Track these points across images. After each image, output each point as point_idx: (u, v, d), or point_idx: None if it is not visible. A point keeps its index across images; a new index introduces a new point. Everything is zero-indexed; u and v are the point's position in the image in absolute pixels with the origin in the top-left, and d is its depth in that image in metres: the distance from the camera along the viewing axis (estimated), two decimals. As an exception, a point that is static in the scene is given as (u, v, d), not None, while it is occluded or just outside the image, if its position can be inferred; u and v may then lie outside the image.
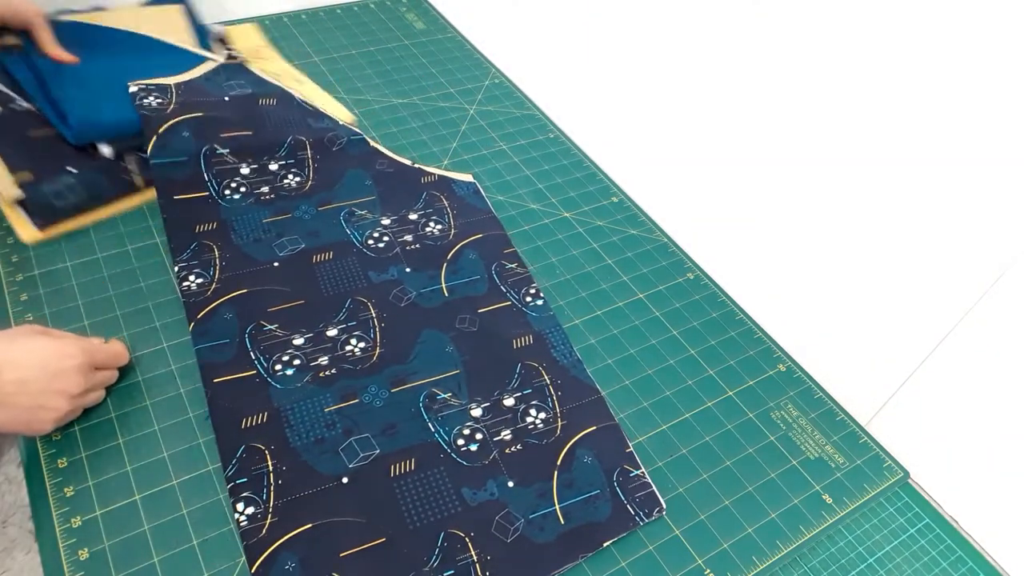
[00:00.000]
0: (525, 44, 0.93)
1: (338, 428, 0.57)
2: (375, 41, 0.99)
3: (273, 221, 0.70)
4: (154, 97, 0.74)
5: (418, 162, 0.80)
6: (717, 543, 0.56)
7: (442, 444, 0.57)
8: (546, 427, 0.60)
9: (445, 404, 0.60)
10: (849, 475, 0.61)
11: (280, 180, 0.73)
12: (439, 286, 0.68)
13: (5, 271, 0.64)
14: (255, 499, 0.52)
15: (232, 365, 0.59)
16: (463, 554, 0.52)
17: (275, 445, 0.55)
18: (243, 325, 0.62)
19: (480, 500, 0.55)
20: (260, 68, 0.84)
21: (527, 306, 0.68)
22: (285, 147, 0.75)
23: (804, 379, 0.67)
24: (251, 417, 0.56)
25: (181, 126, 0.72)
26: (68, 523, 0.51)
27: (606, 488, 0.57)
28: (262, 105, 0.78)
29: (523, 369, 0.63)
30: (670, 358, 0.67)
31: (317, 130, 0.78)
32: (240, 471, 0.53)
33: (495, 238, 0.74)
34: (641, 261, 0.75)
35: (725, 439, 0.62)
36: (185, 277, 0.64)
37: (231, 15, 0.98)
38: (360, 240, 0.70)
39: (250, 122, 0.76)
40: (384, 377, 0.60)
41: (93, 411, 0.56)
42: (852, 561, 0.56)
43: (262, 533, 0.51)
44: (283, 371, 0.59)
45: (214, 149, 0.72)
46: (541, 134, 0.88)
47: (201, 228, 0.68)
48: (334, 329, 0.63)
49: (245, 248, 0.67)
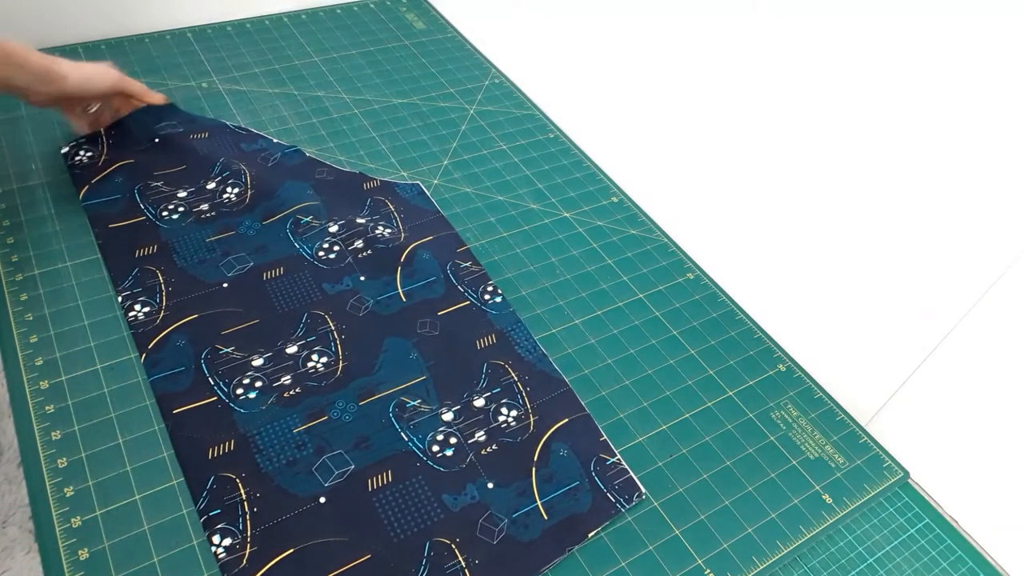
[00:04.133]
0: (525, 44, 0.93)
1: (309, 448, 0.56)
2: (375, 41, 0.99)
3: (217, 239, 0.69)
4: (84, 151, 0.74)
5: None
6: (717, 543, 0.56)
7: (417, 452, 0.57)
8: (519, 424, 0.59)
9: (415, 411, 0.59)
10: (849, 475, 0.61)
11: (219, 196, 0.72)
12: (396, 292, 0.67)
13: (5, 271, 0.64)
14: (231, 530, 0.51)
15: (191, 393, 0.57)
16: (451, 561, 0.51)
17: (246, 472, 0.54)
18: (198, 351, 0.60)
19: (462, 505, 0.54)
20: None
21: (487, 304, 0.68)
22: (218, 166, 0.75)
23: (804, 379, 0.67)
24: (217, 446, 0.55)
25: (113, 174, 0.73)
26: (68, 523, 0.50)
27: (585, 479, 0.57)
28: (193, 139, 0.77)
29: (489, 368, 0.63)
30: (670, 358, 0.67)
31: (249, 152, 0.78)
32: (212, 503, 0.52)
33: (446, 238, 0.73)
34: (641, 261, 0.75)
35: (725, 439, 0.62)
36: (130, 307, 0.62)
37: (231, 15, 0.98)
38: (311, 252, 0.69)
39: (182, 158, 0.76)
40: (350, 391, 0.60)
41: (93, 411, 0.56)
42: (852, 561, 0.56)
43: (243, 564, 0.49)
44: (245, 394, 0.58)
45: (147, 183, 0.72)
46: (541, 134, 0.88)
47: (142, 252, 0.66)
48: (293, 346, 0.62)
49: (191, 270, 0.66)
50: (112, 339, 0.61)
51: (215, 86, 0.87)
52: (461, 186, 0.80)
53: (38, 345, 0.59)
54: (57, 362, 0.59)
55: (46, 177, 0.73)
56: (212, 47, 0.93)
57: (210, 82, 0.88)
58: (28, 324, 0.61)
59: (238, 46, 0.94)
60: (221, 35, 0.95)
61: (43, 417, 0.55)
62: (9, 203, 0.70)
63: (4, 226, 0.68)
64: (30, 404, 0.56)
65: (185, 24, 0.95)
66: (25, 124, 0.78)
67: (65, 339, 0.60)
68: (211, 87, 0.87)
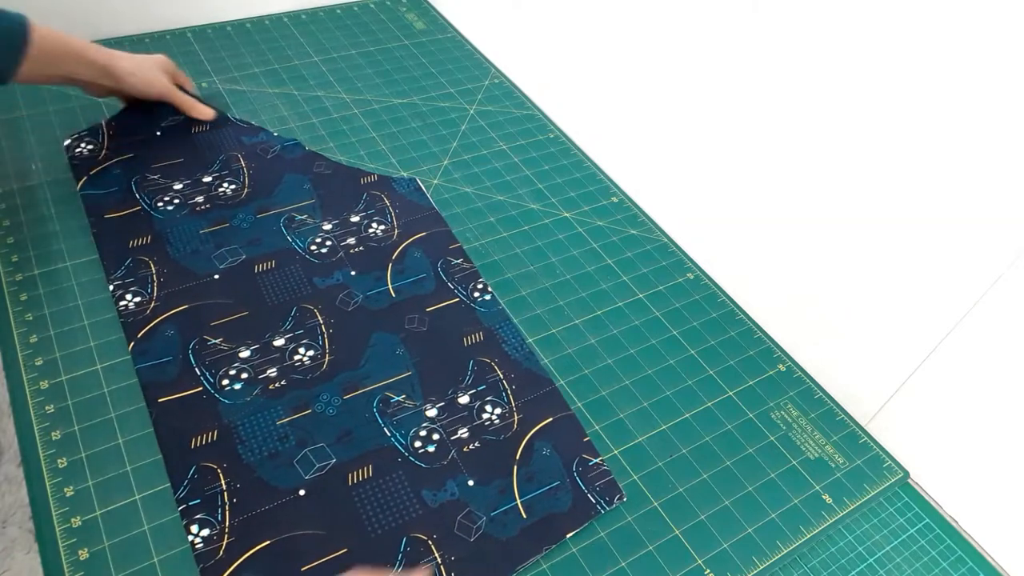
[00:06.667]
0: (525, 44, 0.93)
1: (292, 440, 0.56)
2: (375, 41, 0.99)
3: (211, 231, 0.69)
4: (86, 144, 0.74)
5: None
6: (717, 543, 0.56)
7: (399, 448, 0.57)
8: (503, 422, 0.59)
9: (399, 407, 0.59)
10: (849, 475, 0.61)
11: (215, 189, 0.73)
12: (385, 287, 0.67)
13: (5, 271, 0.64)
14: (210, 520, 0.51)
15: (177, 384, 0.58)
16: (427, 557, 0.51)
17: (227, 463, 0.54)
18: (186, 341, 0.60)
19: (441, 501, 0.54)
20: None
21: (475, 302, 0.68)
22: (217, 163, 0.75)
23: (804, 379, 0.67)
24: (200, 436, 0.55)
25: (113, 166, 0.73)
26: (68, 523, 0.50)
27: (566, 479, 0.57)
28: (195, 132, 0.78)
29: (475, 366, 0.63)
30: (670, 358, 0.67)
31: (249, 145, 0.78)
32: (192, 492, 0.52)
33: (440, 235, 0.73)
34: (641, 261, 0.75)
35: (725, 439, 0.62)
36: (121, 296, 0.63)
37: (231, 15, 0.98)
38: (303, 247, 0.69)
39: (181, 151, 0.76)
40: (336, 384, 0.60)
41: (93, 411, 0.56)
42: (852, 561, 0.56)
43: (219, 555, 0.49)
44: (231, 386, 0.58)
45: (145, 176, 0.73)
46: (541, 134, 0.88)
47: (135, 243, 0.67)
48: (281, 339, 0.62)
49: (183, 261, 0.66)
50: (112, 339, 0.61)
51: (215, 86, 0.87)
52: (461, 186, 0.80)
53: (38, 345, 0.59)
54: (57, 362, 0.59)
55: (46, 177, 0.73)
56: (212, 47, 0.93)
57: (210, 82, 0.88)
58: (28, 324, 0.61)
59: (238, 46, 0.94)
60: (221, 35, 0.95)
61: (43, 417, 0.55)
62: (9, 203, 0.70)
63: (4, 226, 0.68)
64: (30, 404, 0.56)
65: (185, 24, 0.95)
66: (25, 124, 0.78)
67: (65, 339, 0.60)
68: (211, 87, 0.87)
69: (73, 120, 0.79)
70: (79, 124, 0.78)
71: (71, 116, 0.79)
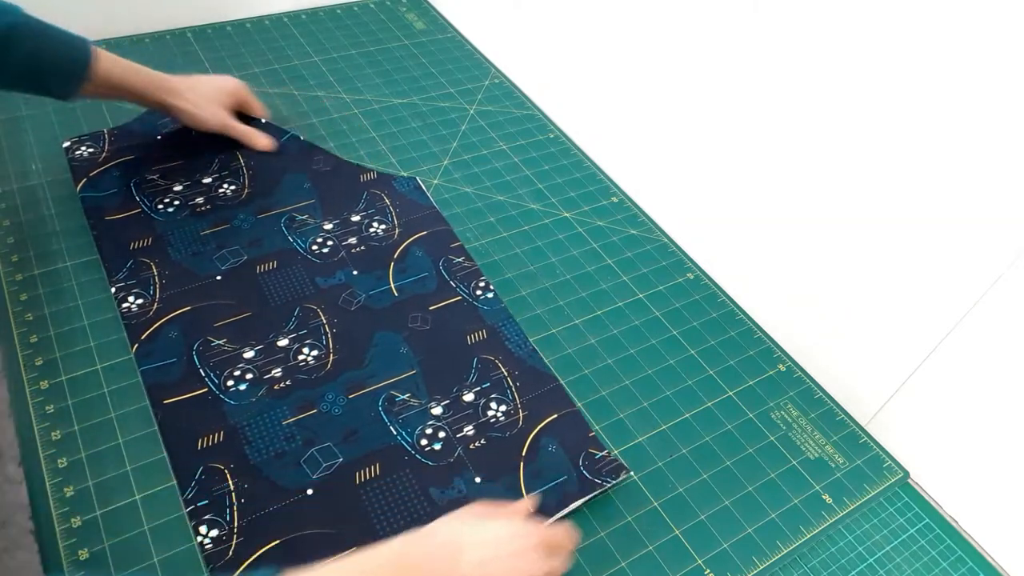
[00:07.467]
0: (525, 44, 0.93)
1: (298, 440, 0.56)
2: (375, 41, 0.99)
3: (212, 232, 0.69)
4: (86, 147, 0.75)
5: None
6: (717, 543, 0.56)
7: (405, 446, 0.57)
8: (508, 419, 0.59)
9: (405, 405, 0.59)
10: (849, 475, 0.61)
11: (215, 190, 0.73)
12: (388, 286, 0.67)
13: (5, 271, 0.64)
14: (218, 521, 0.51)
15: (182, 385, 0.58)
16: None
17: (235, 463, 0.54)
18: (190, 342, 0.60)
19: (448, 498, 0.54)
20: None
21: (478, 300, 0.68)
22: (216, 163, 0.75)
23: (804, 379, 0.67)
24: (207, 436, 0.55)
25: (112, 168, 0.73)
26: (68, 523, 0.50)
27: (573, 473, 0.57)
28: (194, 133, 0.77)
29: (479, 363, 0.63)
30: (670, 358, 0.67)
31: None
32: (200, 493, 0.52)
33: (441, 234, 0.73)
34: (641, 261, 0.75)
35: (725, 439, 0.62)
36: (124, 299, 0.63)
37: (231, 15, 0.98)
38: (304, 247, 0.69)
39: (181, 153, 0.76)
40: (340, 384, 0.60)
41: (93, 411, 0.56)
42: (852, 561, 0.56)
43: (229, 555, 0.50)
44: (236, 386, 0.58)
45: (145, 178, 0.73)
46: (541, 134, 0.88)
47: (136, 245, 0.67)
48: (285, 339, 0.62)
49: (184, 263, 0.66)
50: (112, 339, 0.61)
51: (215, 86, 0.87)
52: (461, 186, 0.80)
53: (38, 345, 0.59)
54: (57, 362, 0.59)
55: (46, 177, 0.73)
56: (212, 47, 0.93)
57: (210, 82, 0.87)
58: (28, 324, 0.61)
59: (238, 46, 0.94)
60: (221, 35, 0.95)
61: (43, 417, 0.55)
62: (9, 203, 0.70)
63: (4, 226, 0.68)
64: (30, 404, 0.56)
65: (185, 24, 0.95)
66: (25, 124, 0.78)
67: (65, 339, 0.60)
68: (211, 87, 0.87)
69: (73, 120, 0.79)
70: (79, 124, 0.78)
71: (71, 116, 0.79)
